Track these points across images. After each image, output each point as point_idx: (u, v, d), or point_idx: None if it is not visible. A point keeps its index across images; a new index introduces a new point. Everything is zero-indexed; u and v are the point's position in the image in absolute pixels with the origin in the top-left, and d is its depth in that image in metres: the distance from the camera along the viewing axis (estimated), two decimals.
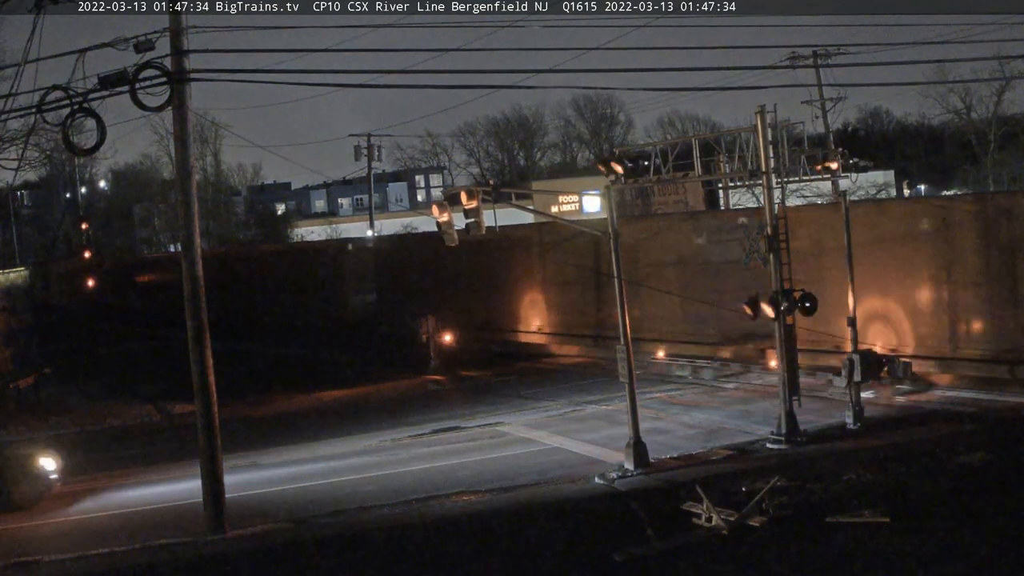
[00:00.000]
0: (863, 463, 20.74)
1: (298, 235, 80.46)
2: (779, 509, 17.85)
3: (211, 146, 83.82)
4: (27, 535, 20.50)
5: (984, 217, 26.84)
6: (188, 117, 19.20)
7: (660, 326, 33.48)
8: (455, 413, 30.32)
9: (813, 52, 52.57)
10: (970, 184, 64.27)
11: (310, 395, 35.40)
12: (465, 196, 22.55)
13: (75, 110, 17.80)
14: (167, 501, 22.39)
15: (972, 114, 68.28)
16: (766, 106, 23.47)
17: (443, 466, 24.10)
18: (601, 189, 25.38)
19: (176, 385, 31.28)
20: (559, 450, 24.73)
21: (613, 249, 22.74)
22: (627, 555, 16.35)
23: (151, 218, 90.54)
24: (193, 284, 19.31)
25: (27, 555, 18.71)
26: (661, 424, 26.39)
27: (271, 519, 20.18)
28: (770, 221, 23.50)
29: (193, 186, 19.61)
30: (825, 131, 54.80)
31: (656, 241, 33.76)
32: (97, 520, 21.35)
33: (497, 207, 23.53)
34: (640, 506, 18.96)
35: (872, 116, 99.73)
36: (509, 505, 20.07)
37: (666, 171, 26.34)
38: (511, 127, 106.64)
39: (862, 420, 24.21)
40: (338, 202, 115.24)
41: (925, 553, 15.50)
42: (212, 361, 19.44)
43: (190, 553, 18.45)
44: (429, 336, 39.61)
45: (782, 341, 23.41)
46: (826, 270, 27.57)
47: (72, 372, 43.41)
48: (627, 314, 22.81)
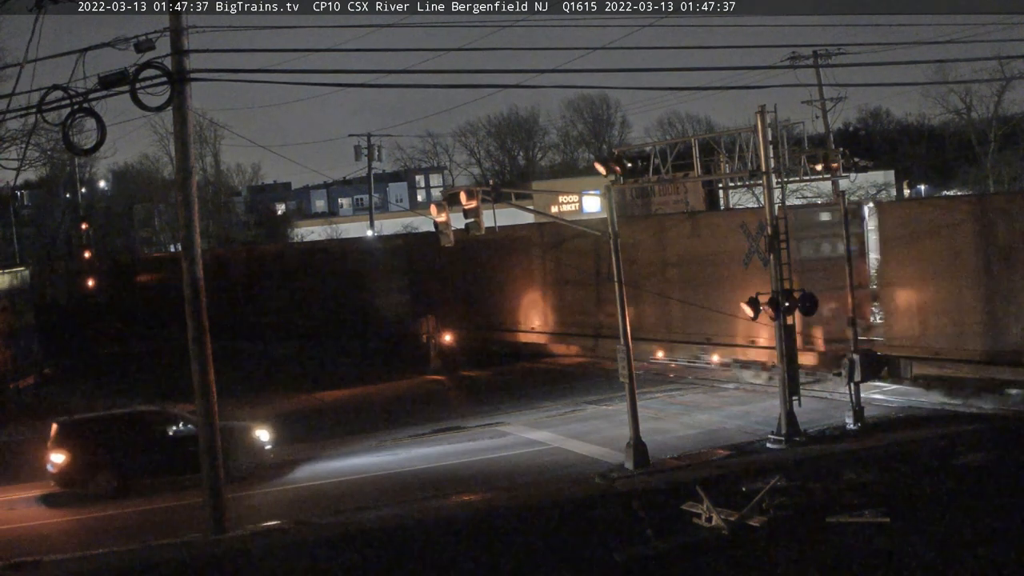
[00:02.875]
0: (863, 463, 20.76)
1: (298, 235, 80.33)
2: (779, 509, 17.86)
3: (211, 146, 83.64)
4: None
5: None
6: (188, 117, 19.20)
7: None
8: (455, 413, 30.33)
9: (813, 52, 52.54)
10: (970, 184, 64.20)
11: (310, 395, 35.40)
12: (465, 196, 22.58)
13: (75, 110, 17.82)
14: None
15: (972, 114, 68.23)
16: (766, 106, 23.51)
17: (443, 466, 24.12)
18: (601, 189, 25.40)
19: (176, 385, 31.27)
20: (559, 450, 24.74)
21: (613, 249, 22.75)
22: (627, 555, 16.35)
23: (151, 218, 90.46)
24: (193, 284, 19.31)
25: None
26: (661, 424, 26.38)
27: (271, 519, 20.21)
28: (770, 221, 23.51)
29: (193, 186, 19.62)
30: (825, 131, 54.78)
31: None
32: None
33: (497, 207, 23.55)
34: (640, 506, 18.97)
35: (872, 116, 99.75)
36: (509, 505, 20.09)
37: (666, 171, 26.37)
38: (511, 127, 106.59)
39: (862, 420, 24.22)
40: (338, 202, 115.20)
41: (925, 553, 15.51)
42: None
43: (190, 553, 18.45)
44: (429, 336, 39.62)
45: (782, 341, 23.42)
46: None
47: (72, 372, 43.43)
48: (627, 314, 22.82)
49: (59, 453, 23.15)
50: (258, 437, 24.49)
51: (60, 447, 23.20)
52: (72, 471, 23.12)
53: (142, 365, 45.27)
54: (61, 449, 23.17)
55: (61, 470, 23.14)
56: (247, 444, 24.19)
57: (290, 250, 64.55)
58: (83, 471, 23.10)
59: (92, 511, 22.07)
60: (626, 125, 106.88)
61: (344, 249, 54.14)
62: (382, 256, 49.37)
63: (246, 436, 24.37)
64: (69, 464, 23.09)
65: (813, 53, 52.54)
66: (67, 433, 23.50)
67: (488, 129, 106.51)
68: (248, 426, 24.98)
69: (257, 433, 24.56)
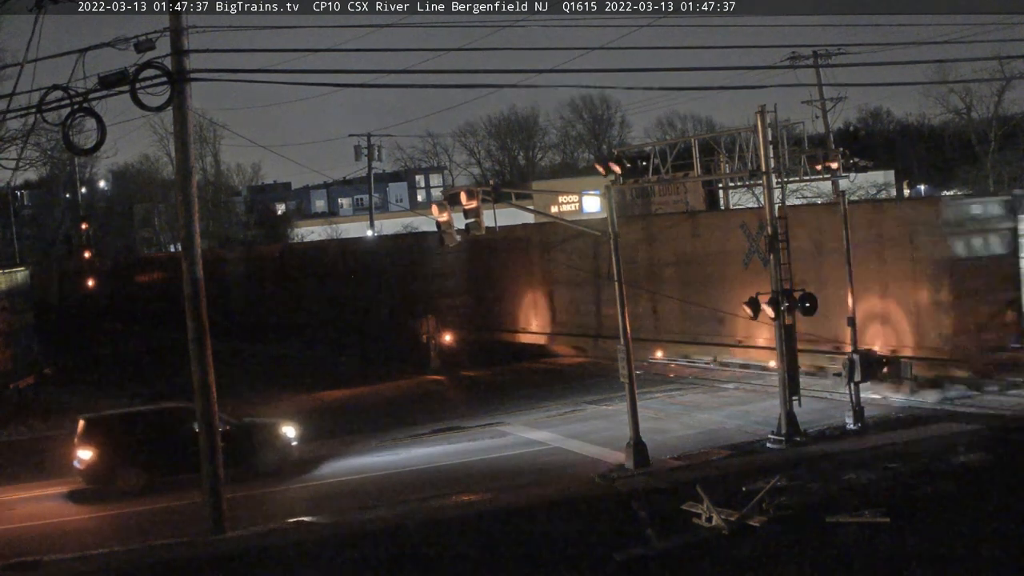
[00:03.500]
0: (863, 463, 20.75)
1: (298, 235, 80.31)
2: (779, 509, 17.85)
3: (211, 146, 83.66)
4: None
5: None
6: (188, 117, 19.20)
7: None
8: (455, 413, 30.33)
9: (813, 52, 52.54)
10: (970, 184, 64.19)
11: (310, 395, 35.38)
12: (465, 196, 22.57)
13: (75, 110, 17.82)
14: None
15: (972, 114, 68.18)
16: (766, 106, 23.49)
17: (443, 466, 24.13)
18: (601, 189, 25.40)
19: (176, 385, 31.27)
20: (559, 450, 24.73)
21: (613, 249, 22.75)
22: (627, 555, 16.35)
23: (151, 218, 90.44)
24: (193, 284, 19.31)
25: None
26: (661, 424, 26.38)
27: (271, 519, 20.21)
28: (770, 221, 23.50)
29: (193, 186, 19.62)
30: (825, 131, 54.77)
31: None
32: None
33: (497, 207, 23.55)
34: (640, 506, 18.96)
35: (872, 116, 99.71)
36: (509, 505, 20.08)
37: (666, 171, 26.37)
38: (511, 127, 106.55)
39: (862, 420, 24.21)
40: (338, 202, 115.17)
41: (925, 553, 15.50)
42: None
43: (190, 553, 18.45)
44: (429, 336, 39.62)
45: (782, 341, 23.41)
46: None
47: (72, 372, 43.40)
48: (627, 314, 22.82)
49: (86, 449, 23.21)
50: (284, 433, 24.63)
51: (87, 443, 23.26)
52: (100, 467, 23.19)
53: (142, 365, 45.25)
54: (88, 445, 23.23)
55: (88, 466, 23.20)
56: (274, 440, 24.38)
57: (290, 250, 64.51)
58: (111, 467, 23.17)
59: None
60: (626, 125, 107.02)
61: (344, 249, 54.13)
62: (382, 256, 49.36)
63: (273, 432, 24.57)
64: (96, 460, 23.15)
65: (813, 53, 52.56)
66: (94, 429, 23.55)
67: (488, 129, 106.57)
68: (275, 422, 25.25)
69: (284, 429, 24.72)
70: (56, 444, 27.16)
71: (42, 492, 23.94)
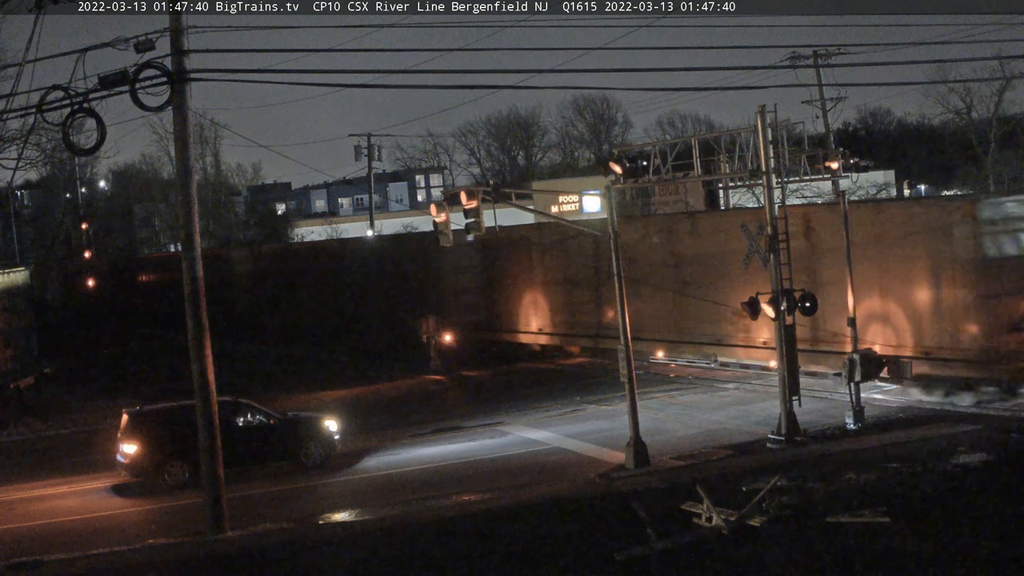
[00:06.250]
0: (863, 463, 20.74)
1: (298, 235, 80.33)
2: (779, 509, 17.84)
3: (211, 146, 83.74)
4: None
5: None
6: (188, 117, 19.20)
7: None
8: (455, 413, 30.35)
9: (813, 52, 52.58)
10: (970, 184, 64.23)
11: (311, 394, 35.38)
12: (465, 196, 22.58)
13: (75, 110, 17.84)
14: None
15: (972, 114, 68.24)
16: (766, 106, 23.51)
17: (443, 466, 24.14)
18: (601, 189, 25.41)
19: (176, 385, 31.26)
20: (559, 450, 24.74)
21: (613, 249, 22.74)
22: (627, 555, 16.34)
23: (151, 218, 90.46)
24: (193, 284, 19.32)
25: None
26: (661, 424, 26.39)
27: (271, 519, 20.21)
28: (770, 221, 23.50)
29: (193, 186, 19.62)
30: (825, 131, 54.78)
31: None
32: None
33: (497, 207, 23.56)
34: (640, 506, 18.95)
35: (872, 116, 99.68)
36: (509, 505, 20.08)
37: (666, 171, 26.34)
38: (511, 127, 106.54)
39: (862, 420, 24.21)
40: (338, 202, 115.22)
41: (925, 553, 15.50)
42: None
43: (190, 553, 18.46)
44: (429, 336, 39.62)
45: (782, 341, 23.41)
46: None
47: (72, 372, 43.41)
48: (627, 314, 22.81)
49: (130, 443, 23.28)
50: (327, 427, 24.98)
51: (131, 437, 23.33)
52: (144, 461, 23.28)
53: (142, 365, 45.27)
54: (132, 439, 23.29)
55: (133, 460, 23.27)
56: (319, 434, 24.76)
57: (290, 250, 64.52)
58: (155, 461, 23.26)
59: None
60: (626, 125, 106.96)
61: (344, 249, 54.12)
62: (382, 256, 49.35)
63: (317, 427, 24.99)
64: (141, 454, 23.24)
65: (813, 53, 52.59)
66: (138, 423, 23.64)
67: (488, 129, 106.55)
68: (319, 417, 25.70)
69: (327, 423, 25.09)
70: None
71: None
